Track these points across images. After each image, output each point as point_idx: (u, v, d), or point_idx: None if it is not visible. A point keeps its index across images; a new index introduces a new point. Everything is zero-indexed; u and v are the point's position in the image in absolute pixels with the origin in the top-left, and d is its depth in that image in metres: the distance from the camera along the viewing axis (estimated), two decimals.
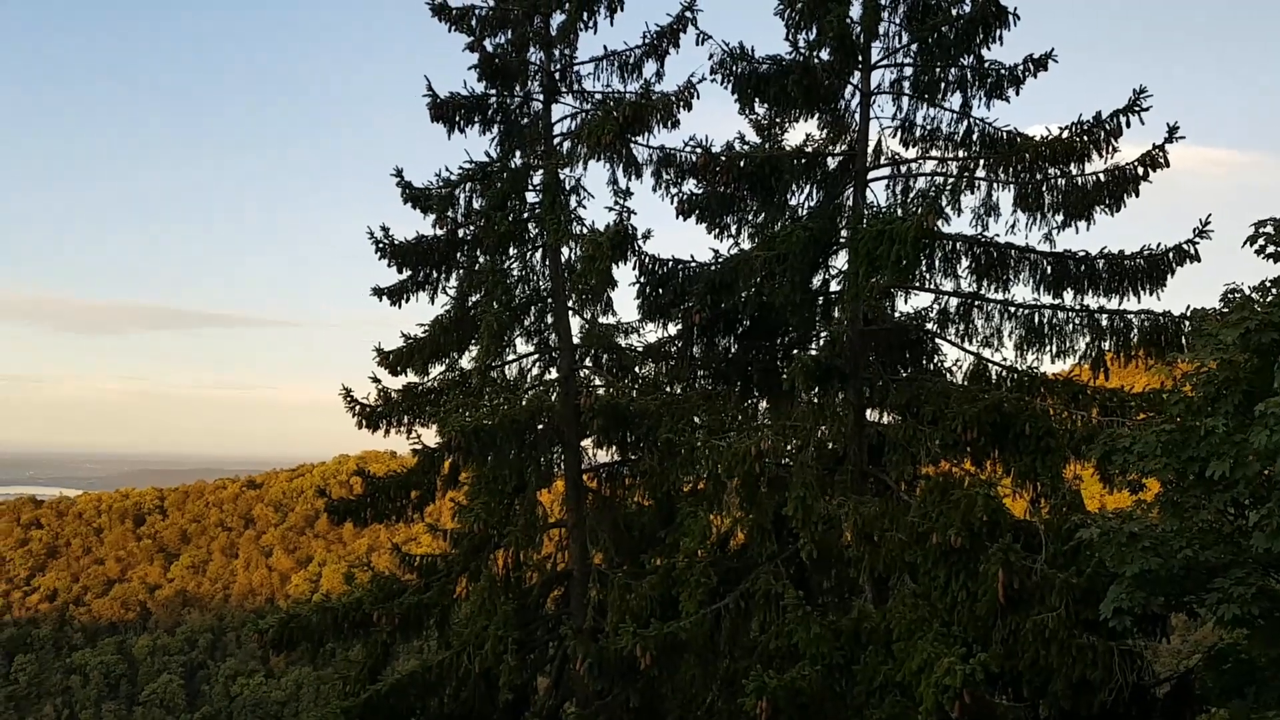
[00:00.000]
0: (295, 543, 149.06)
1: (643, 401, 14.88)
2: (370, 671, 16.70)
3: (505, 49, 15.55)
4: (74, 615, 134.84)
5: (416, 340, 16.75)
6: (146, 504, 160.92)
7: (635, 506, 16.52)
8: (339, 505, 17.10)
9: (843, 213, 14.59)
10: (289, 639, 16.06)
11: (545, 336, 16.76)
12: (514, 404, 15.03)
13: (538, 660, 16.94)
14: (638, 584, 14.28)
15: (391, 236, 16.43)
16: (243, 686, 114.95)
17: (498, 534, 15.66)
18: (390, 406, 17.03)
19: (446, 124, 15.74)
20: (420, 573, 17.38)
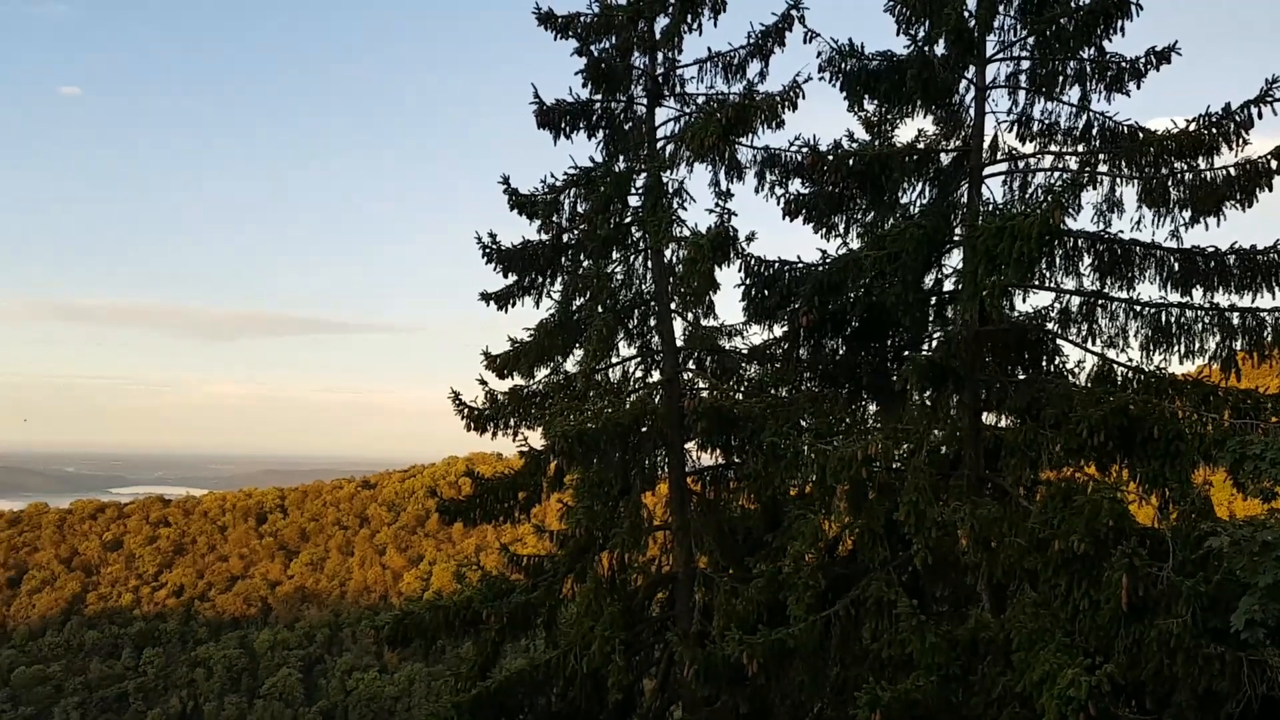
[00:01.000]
0: (407, 541, 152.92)
1: (747, 404, 14.73)
2: (480, 669, 16.92)
3: (610, 54, 15.61)
4: (199, 610, 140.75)
5: (522, 344, 16.91)
6: (268, 503, 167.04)
7: (740, 510, 16.35)
8: (450, 506, 17.40)
9: (957, 210, 14.21)
10: (403, 635, 16.43)
11: (648, 339, 16.73)
12: (618, 407, 15.04)
13: (644, 662, 16.94)
14: (744, 588, 14.14)
15: (498, 242, 16.63)
16: (358, 681, 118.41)
17: (603, 536, 15.71)
18: (497, 409, 17.22)
19: (552, 130, 15.88)
20: (528, 573, 17.56)
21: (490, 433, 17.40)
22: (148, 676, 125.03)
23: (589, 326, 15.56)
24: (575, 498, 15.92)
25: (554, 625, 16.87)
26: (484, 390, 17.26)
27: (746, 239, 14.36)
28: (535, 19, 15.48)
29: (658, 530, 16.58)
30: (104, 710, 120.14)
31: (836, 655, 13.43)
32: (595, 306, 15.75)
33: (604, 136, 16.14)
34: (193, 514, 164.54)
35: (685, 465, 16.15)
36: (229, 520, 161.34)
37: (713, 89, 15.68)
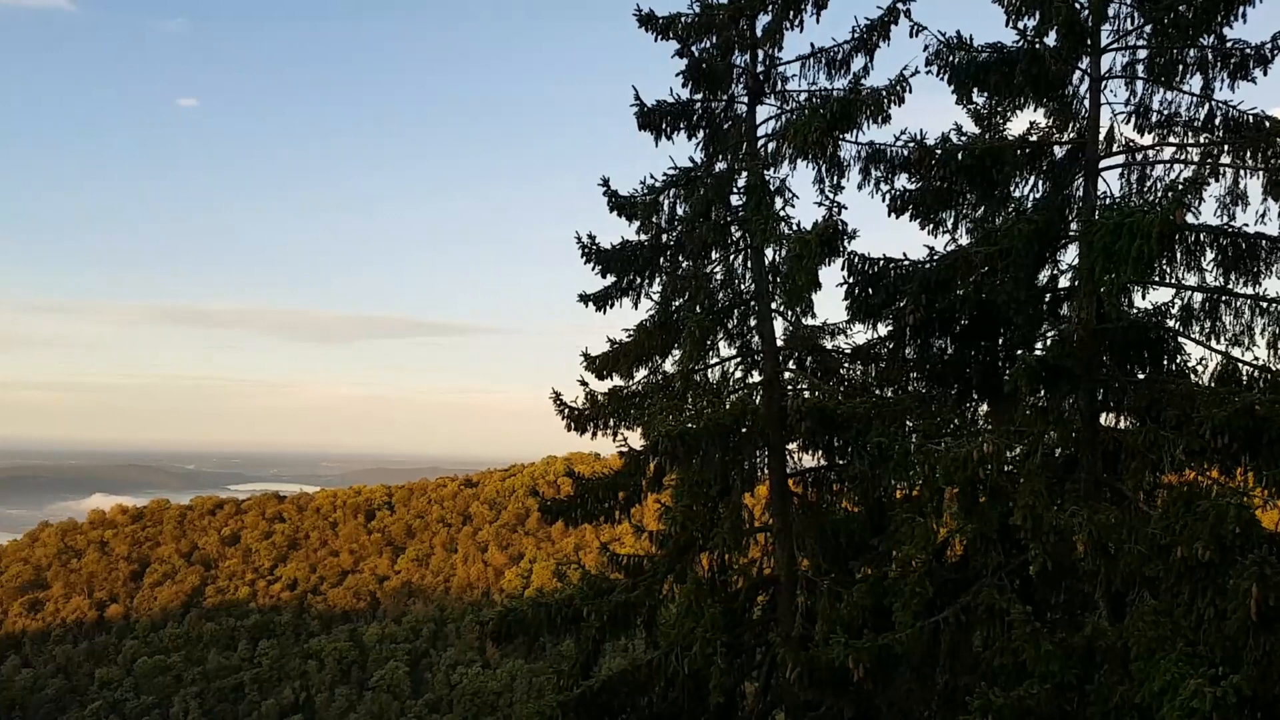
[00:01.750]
0: (508, 539, 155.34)
1: (851, 404, 14.48)
2: (582, 667, 17.04)
3: (710, 53, 15.52)
4: (311, 604, 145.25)
5: (621, 345, 16.95)
6: (376, 500, 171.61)
7: (843, 513, 16.12)
8: (551, 505, 17.56)
9: (1071, 204, 13.75)
10: (507, 631, 16.65)
11: (748, 339, 16.60)
12: (717, 407, 14.96)
13: (745, 665, 16.81)
14: (848, 592, 13.93)
15: (598, 243, 16.71)
16: (462, 675, 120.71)
17: (702, 537, 15.65)
18: (597, 410, 17.31)
19: (653, 131, 15.88)
20: (628, 572, 17.60)
21: (590, 433, 17.49)
22: (262, 668, 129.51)
23: (686, 327, 15.51)
24: (675, 498, 15.90)
25: (654, 625, 16.87)
26: (584, 391, 17.36)
27: (849, 236, 14.17)
28: (636, 21, 15.49)
29: (758, 532, 16.44)
30: (221, 700, 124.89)
31: (945, 663, 13.15)
32: (694, 307, 15.71)
33: (704, 136, 16.06)
34: (306, 510, 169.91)
35: (786, 467, 15.98)
36: (340, 516, 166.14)
37: (815, 85, 15.46)
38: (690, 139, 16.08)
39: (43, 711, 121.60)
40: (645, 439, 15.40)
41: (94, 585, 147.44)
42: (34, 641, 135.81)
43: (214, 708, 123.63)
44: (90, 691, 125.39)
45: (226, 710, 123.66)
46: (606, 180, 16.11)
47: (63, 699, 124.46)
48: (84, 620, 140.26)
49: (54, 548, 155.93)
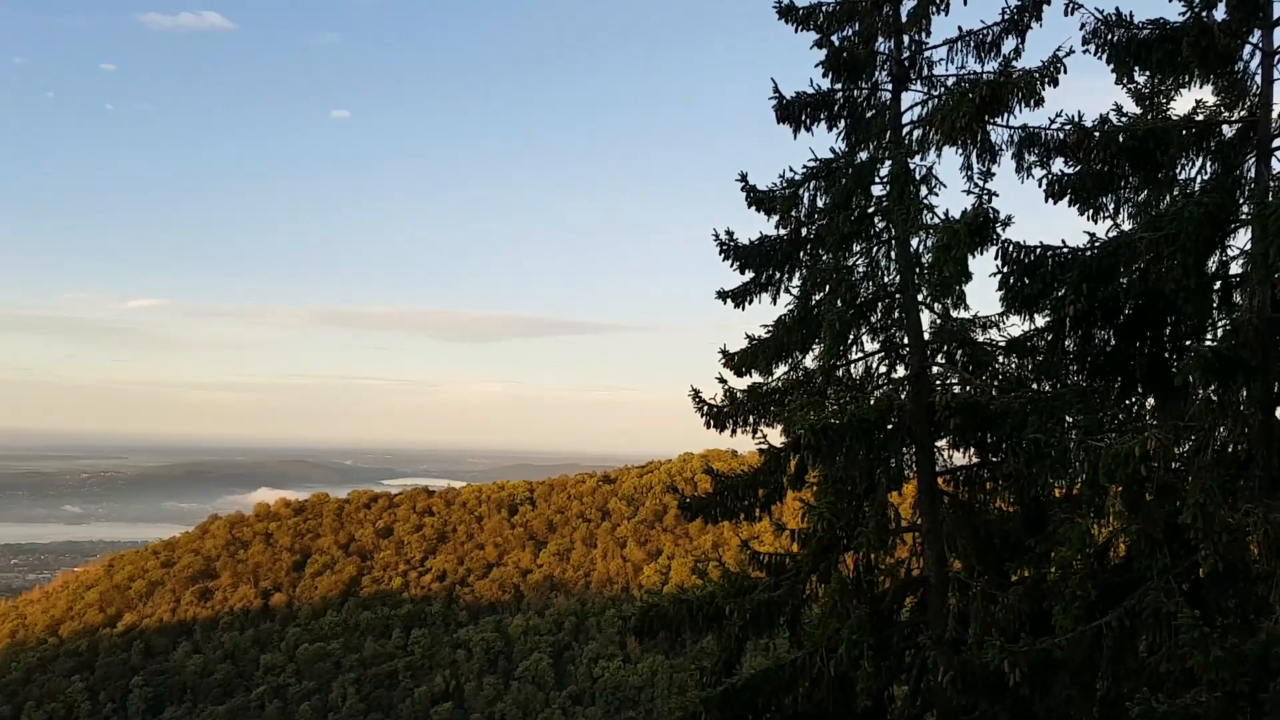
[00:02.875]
0: (646, 535, 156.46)
1: (1006, 400, 13.89)
2: (725, 664, 16.95)
3: (851, 41, 15.18)
4: (460, 595, 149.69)
5: (760, 341, 16.73)
6: (519, 495, 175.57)
7: (996, 512, 15.52)
8: (691, 503, 17.49)
9: (1242, 186, 12.87)
10: (649, 626, 16.69)
11: (892, 333, 16.14)
12: (861, 403, 14.61)
13: (893, 668, 16.39)
14: (1003, 595, 13.42)
15: (735, 239, 16.54)
16: (604, 669, 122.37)
17: (847, 536, 15.32)
18: (736, 406, 17.14)
19: (792, 123, 15.61)
20: (769, 570, 17.40)
21: (729, 430, 17.34)
22: (415, 656, 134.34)
23: (828, 322, 15.18)
24: (818, 496, 15.61)
25: (798, 625, 16.64)
26: (722, 388, 17.21)
27: (1002, 223, 13.61)
28: (776, 13, 15.27)
29: (906, 532, 16.00)
30: (377, 687, 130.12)
31: (1108, 669, 12.56)
32: (835, 301, 15.35)
33: (845, 126, 15.69)
34: (453, 504, 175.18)
35: (935, 464, 15.48)
36: (485, 511, 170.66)
37: (963, 69, 14.90)
38: (830, 129, 15.74)
39: (212, 695, 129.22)
40: (786, 435, 15.14)
41: (259, 575, 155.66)
42: (204, 628, 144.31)
43: (370, 693, 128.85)
44: (255, 676, 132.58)
45: (382, 696, 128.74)
46: (744, 175, 15.93)
47: (230, 684, 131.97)
48: (250, 608, 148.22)
49: (222, 539, 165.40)
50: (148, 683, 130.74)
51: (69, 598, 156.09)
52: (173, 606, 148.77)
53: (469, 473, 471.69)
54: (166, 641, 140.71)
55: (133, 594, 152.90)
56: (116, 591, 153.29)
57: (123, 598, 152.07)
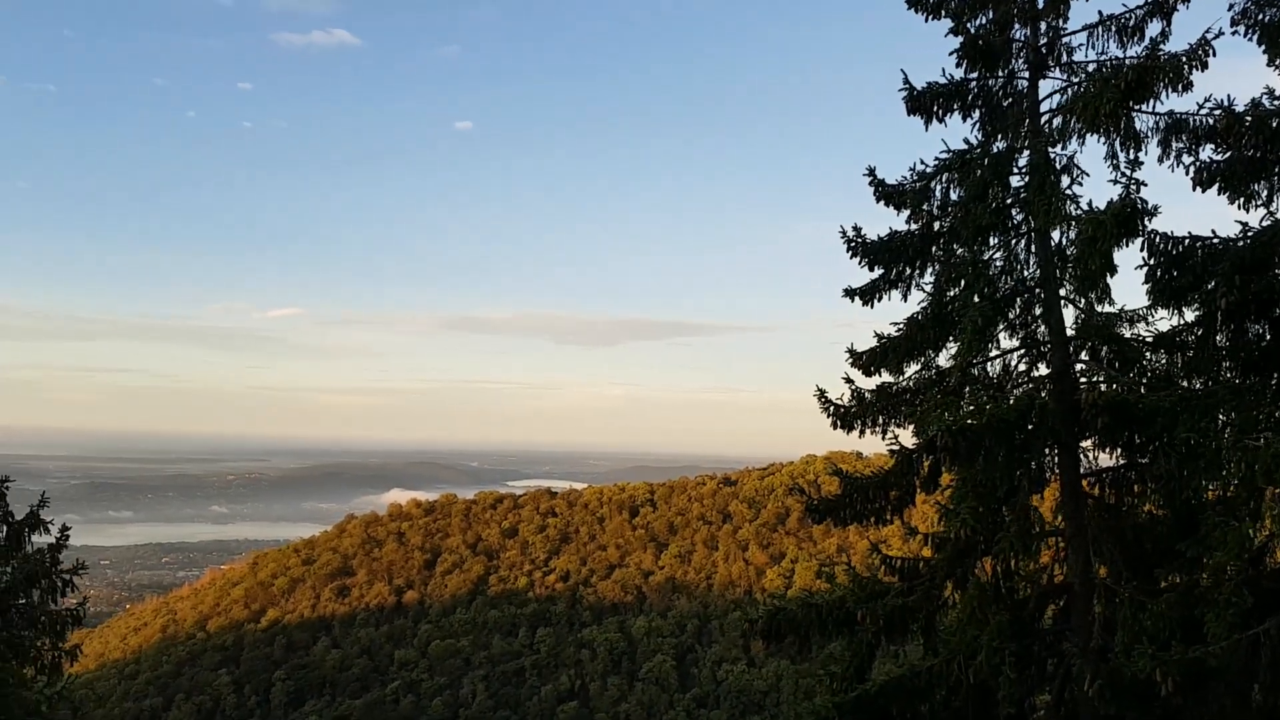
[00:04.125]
0: (768, 539, 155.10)
1: (1154, 398, 13.26)
2: (857, 670, 16.65)
3: (987, 29, 14.76)
4: (583, 595, 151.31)
5: (890, 339, 16.39)
6: (639, 497, 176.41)
7: (1145, 515, 14.84)
8: (818, 505, 17.23)
9: None
10: (777, 630, 16.52)
11: (1032, 330, 15.59)
12: (1000, 402, 14.16)
13: (1036, 676, 15.82)
14: (1153, 602, 12.84)
15: (863, 235, 16.25)
16: (728, 672, 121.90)
17: (985, 540, 14.86)
18: (864, 407, 16.83)
19: (923, 114, 15.27)
20: (901, 575, 17.04)
21: (857, 430, 17.03)
22: (541, 654, 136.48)
23: (963, 318, 14.76)
24: (954, 499, 15.17)
25: (933, 631, 16.24)
26: (850, 387, 16.93)
27: (1148, 214, 13.00)
28: (905, 2, 14.97)
29: (1048, 536, 15.43)
30: (505, 684, 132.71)
31: (1265, 678, 11.92)
32: (971, 296, 14.91)
33: (980, 116, 15.27)
34: (575, 505, 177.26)
35: (1080, 466, 14.88)
36: (606, 512, 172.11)
37: (1105, 55, 14.33)
38: (965, 120, 15.35)
39: (349, 689, 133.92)
40: (919, 436, 14.79)
41: (393, 573, 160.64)
42: (342, 624, 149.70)
43: (499, 690, 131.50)
44: (390, 671, 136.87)
45: (510, 694, 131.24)
46: (873, 169, 15.65)
47: (366, 678, 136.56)
48: (384, 605, 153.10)
49: (358, 538, 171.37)
50: (289, 676, 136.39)
51: (216, 594, 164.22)
52: (313, 602, 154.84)
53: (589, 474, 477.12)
54: (307, 636, 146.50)
55: (275, 590, 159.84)
56: (260, 588, 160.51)
57: (266, 594, 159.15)
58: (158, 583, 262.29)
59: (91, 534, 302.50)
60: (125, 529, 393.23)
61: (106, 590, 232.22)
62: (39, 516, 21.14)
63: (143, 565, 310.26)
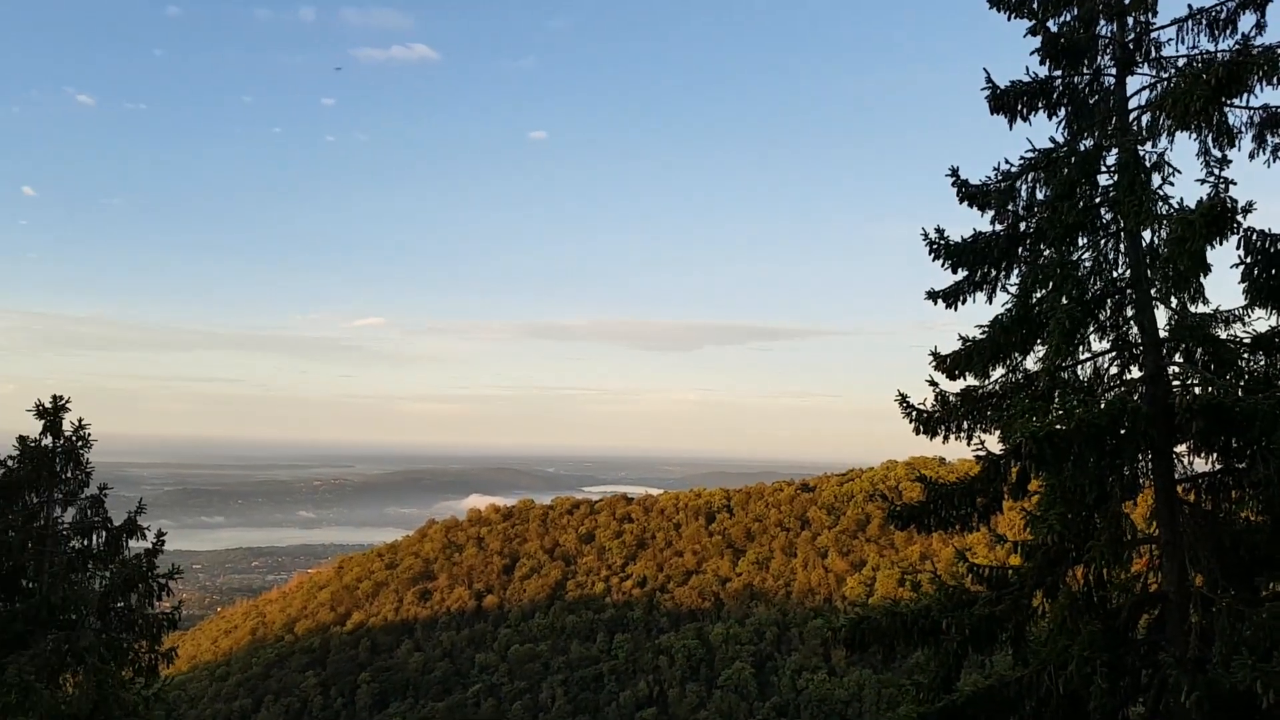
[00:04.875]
0: (848, 546, 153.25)
1: (1252, 400, 12.80)
2: (943, 680, 16.39)
3: (1071, 26, 14.48)
4: (660, 601, 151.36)
5: (975, 342, 16.12)
6: (715, 503, 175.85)
7: (1243, 522, 14.35)
8: (902, 511, 17.02)
9: None
10: (860, 639, 16.33)
11: (1124, 331, 15.20)
12: (1090, 406, 13.80)
13: (1129, 688, 15.39)
14: (1254, 611, 12.42)
15: (946, 237, 16.03)
16: (808, 681, 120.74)
17: (1075, 548, 14.53)
18: (948, 411, 16.58)
19: (1007, 113, 15.02)
20: (989, 584, 16.71)
21: (941, 436, 16.80)
22: (619, 660, 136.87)
23: (1051, 320, 14.46)
24: (1043, 506, 14.86)
25: (1022, 641, 15.90)
26: (933, 392, 16.69)
27: (1243, 211, 12.59)
28: (986, 2, 14.75)
29: (1141, 544, 15.00)
30: (584, 689, 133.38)
31: None
32: (1059, 298, 14.60)
33: (1066, 114, 14.97)
34: (651, 511, 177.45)
35: (1174, 472, 14.45)
36: (682, 518, 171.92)
37: (1195, 49, 13.95)
38: (1050, 118, 15.07)
39: (432, 692, 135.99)
40: (1006, 442, 14.52)
41: (473, 577, 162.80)
42: (424, 627, 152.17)
43: (577, 695, 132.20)
44: (471, 675, 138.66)
45: (589, 699, 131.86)
46: (955, 170, 15.43)
47: (448, 681, 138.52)
48: (465, 609, 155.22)
49: (439, 543, 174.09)
50: (374, 678, 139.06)
51: (304, 598, 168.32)
52: (396, 606, 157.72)
53: (665, 480, 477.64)
54: (391, 639, 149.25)
55: (360, 594, 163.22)
56: (346, 592, 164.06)
57: (351, 597, 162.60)
58: (247, 586, 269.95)
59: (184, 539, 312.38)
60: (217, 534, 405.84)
61: (198, 594, 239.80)
62: (136, 522, 21.95)
63: (233, 569, 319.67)
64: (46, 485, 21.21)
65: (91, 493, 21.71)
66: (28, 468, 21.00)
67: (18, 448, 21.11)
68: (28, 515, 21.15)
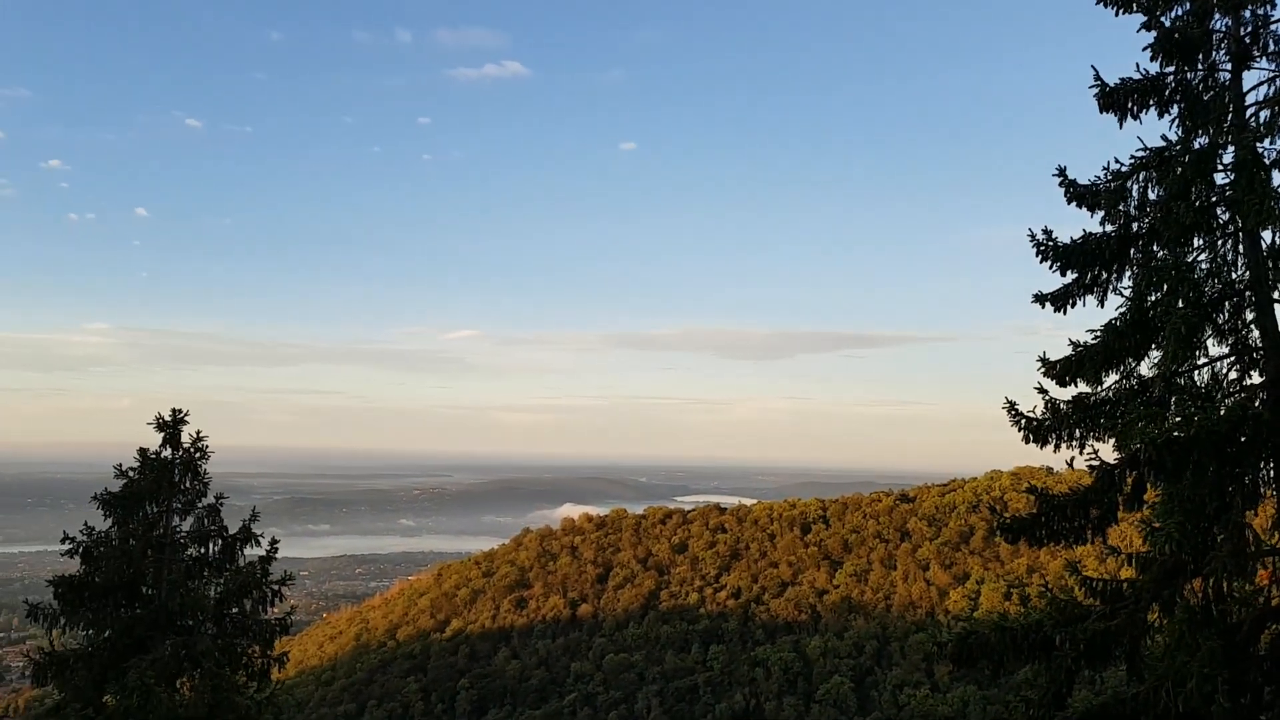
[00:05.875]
0: (950, 558, 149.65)
1: None
2: (1055, 697, 15.92)
3: (1184, 21, 14.00)
4: (755, 613, 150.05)
5: (1086, 347, 15.67)
6: (811, 513, 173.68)
7: None
8: (1012, 524, 16.63)
9: None
10: (968, 654, 16.00)
11: (1243, 335, 14.62)
12: (1210, 413, 13.28)
13: (1252, 706, 14.73)
14: None
15: (1054, 238, 15.64)
16: (910, 697, 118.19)
17: (1194, 561, 13.98)
18: (1059, 419, 16.14)
19: (1117, 112, 14.59)
20: (1102, 598, 16.21)
21: (1051, 444, 16.36)
22: (714, 671, 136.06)
23: (1168, 324, 13.95)
24: (1160, 516, 14.33)
25: (1137, 657, 15.38)
26: (1043, 399, 16.28)
27: None
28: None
29: (1265, 555, 14.36)
30: (679, 700, 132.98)
31: None
32: (1175, 301, 14.10)
33: (1178, 112, 14.47)
34: (745, 521, 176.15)
35: None
36: (777, 529, 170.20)
37: None
38: (1161, 116, 14.58)
39: (529, 700, 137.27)
40: (1121, 450, 14.10)
41: (567, 586, 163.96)
42: (520, 635, 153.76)
43: (673, 706, 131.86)
44: (567, 683, 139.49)
45: (684, 710, 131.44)
46: (1063, 169, 15.05)
47: (545, 689, 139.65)
48: (560, 618, 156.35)
49: (534, 551, 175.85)
50: (473, 685, 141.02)
51: (405, 604, 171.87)
52: (493, 613, 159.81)
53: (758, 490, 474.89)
54: (488, 646, 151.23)
55: (458, 601, 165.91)
56: (445, 599, 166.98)
57: (450, 605, 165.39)
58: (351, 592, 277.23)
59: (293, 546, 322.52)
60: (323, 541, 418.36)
61: (305, 600, 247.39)
62: (250, 530, 22.68)
63: (338, 576, 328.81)
64: (166, 495, 22.03)
65: (208, 502, 22.48)
66: (148, 478, 21.84)
67: (138, 459, 21.96)
68: (148, 524, 21.98)
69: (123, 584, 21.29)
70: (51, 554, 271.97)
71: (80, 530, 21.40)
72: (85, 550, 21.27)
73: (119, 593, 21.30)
